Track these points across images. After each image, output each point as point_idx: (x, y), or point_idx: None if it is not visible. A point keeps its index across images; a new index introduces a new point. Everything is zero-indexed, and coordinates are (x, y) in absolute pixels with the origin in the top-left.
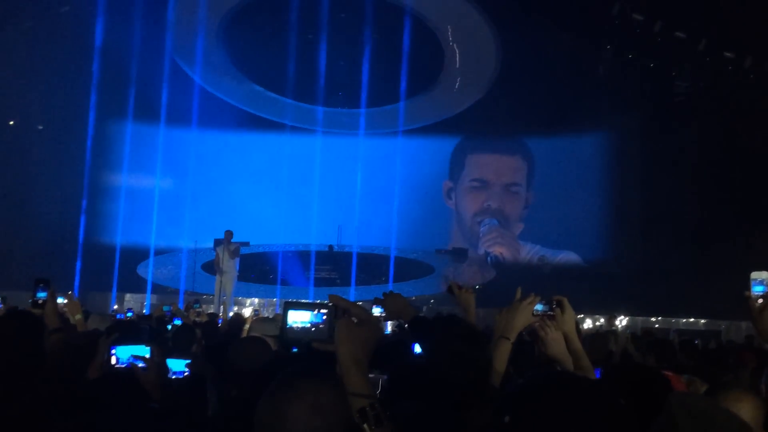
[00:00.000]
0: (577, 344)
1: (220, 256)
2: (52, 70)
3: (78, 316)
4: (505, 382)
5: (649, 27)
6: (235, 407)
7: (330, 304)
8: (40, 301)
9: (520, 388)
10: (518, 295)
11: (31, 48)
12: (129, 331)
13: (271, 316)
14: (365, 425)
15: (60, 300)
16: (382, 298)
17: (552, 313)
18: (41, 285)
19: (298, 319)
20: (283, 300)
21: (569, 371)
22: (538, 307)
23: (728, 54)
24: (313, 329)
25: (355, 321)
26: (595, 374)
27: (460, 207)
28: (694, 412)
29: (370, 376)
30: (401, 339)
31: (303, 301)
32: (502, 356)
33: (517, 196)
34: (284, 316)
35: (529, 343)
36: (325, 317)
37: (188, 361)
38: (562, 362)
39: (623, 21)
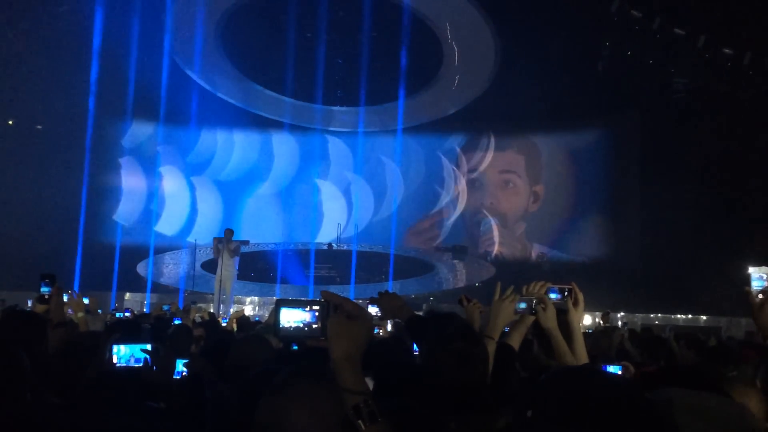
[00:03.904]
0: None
1: (220, 254)
2: (50, 69)
3: (81, 314)
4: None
5: (647, 23)
6: (233, 407)
7: (322, 300)
8: (46, 296)
9: (543, 383)
10: (497, 293)
11: (30, 47)
12: (130, 330)
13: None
14: (359, 422)
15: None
16: (378, 297)
17: (563, 299)
18: (46, 280)
19: (291, 318)
20: (275, 298)
21: (591, 366)
22: (521, 305)
23: (727, 50)
24: (306, 329)
25: (348, 317)
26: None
27: (459, 205)
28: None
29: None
30: (399, 338)
31: (295, 298)
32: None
33: (515, 190)
34: (276, 315)
35: (529, 341)
36: (317, 314)
37: (186, 361)
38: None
39: (622, 17)
